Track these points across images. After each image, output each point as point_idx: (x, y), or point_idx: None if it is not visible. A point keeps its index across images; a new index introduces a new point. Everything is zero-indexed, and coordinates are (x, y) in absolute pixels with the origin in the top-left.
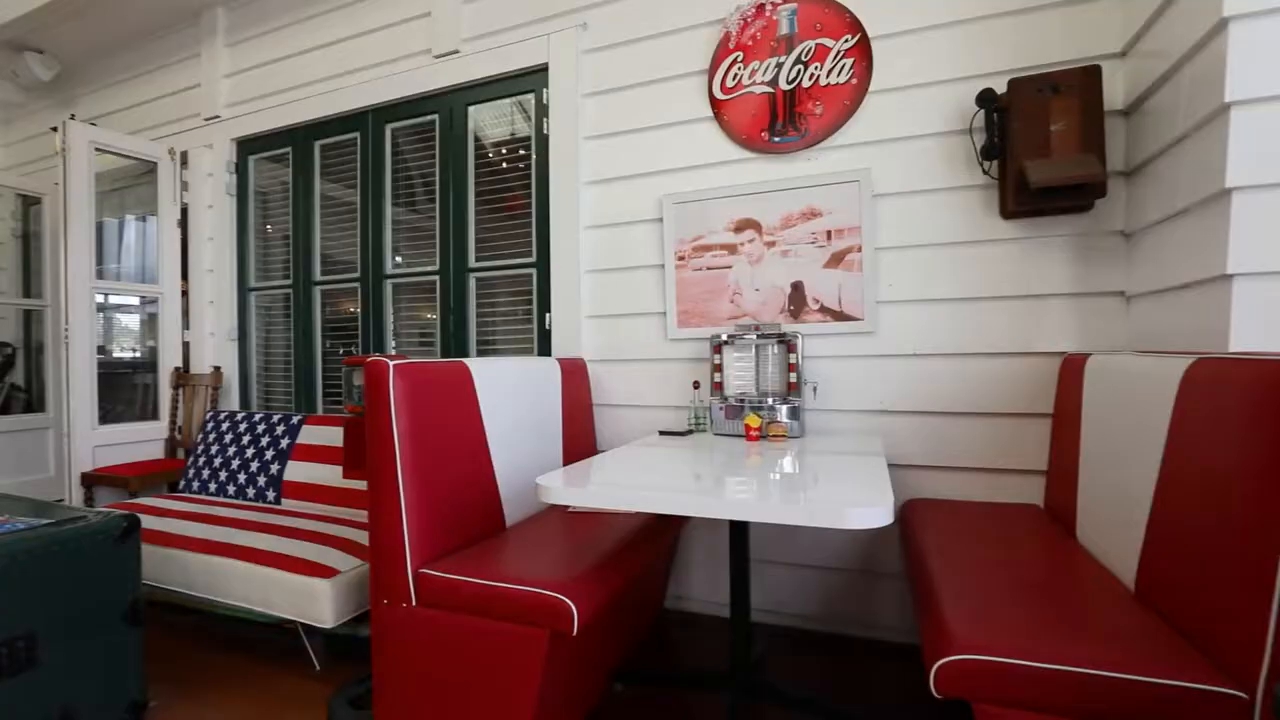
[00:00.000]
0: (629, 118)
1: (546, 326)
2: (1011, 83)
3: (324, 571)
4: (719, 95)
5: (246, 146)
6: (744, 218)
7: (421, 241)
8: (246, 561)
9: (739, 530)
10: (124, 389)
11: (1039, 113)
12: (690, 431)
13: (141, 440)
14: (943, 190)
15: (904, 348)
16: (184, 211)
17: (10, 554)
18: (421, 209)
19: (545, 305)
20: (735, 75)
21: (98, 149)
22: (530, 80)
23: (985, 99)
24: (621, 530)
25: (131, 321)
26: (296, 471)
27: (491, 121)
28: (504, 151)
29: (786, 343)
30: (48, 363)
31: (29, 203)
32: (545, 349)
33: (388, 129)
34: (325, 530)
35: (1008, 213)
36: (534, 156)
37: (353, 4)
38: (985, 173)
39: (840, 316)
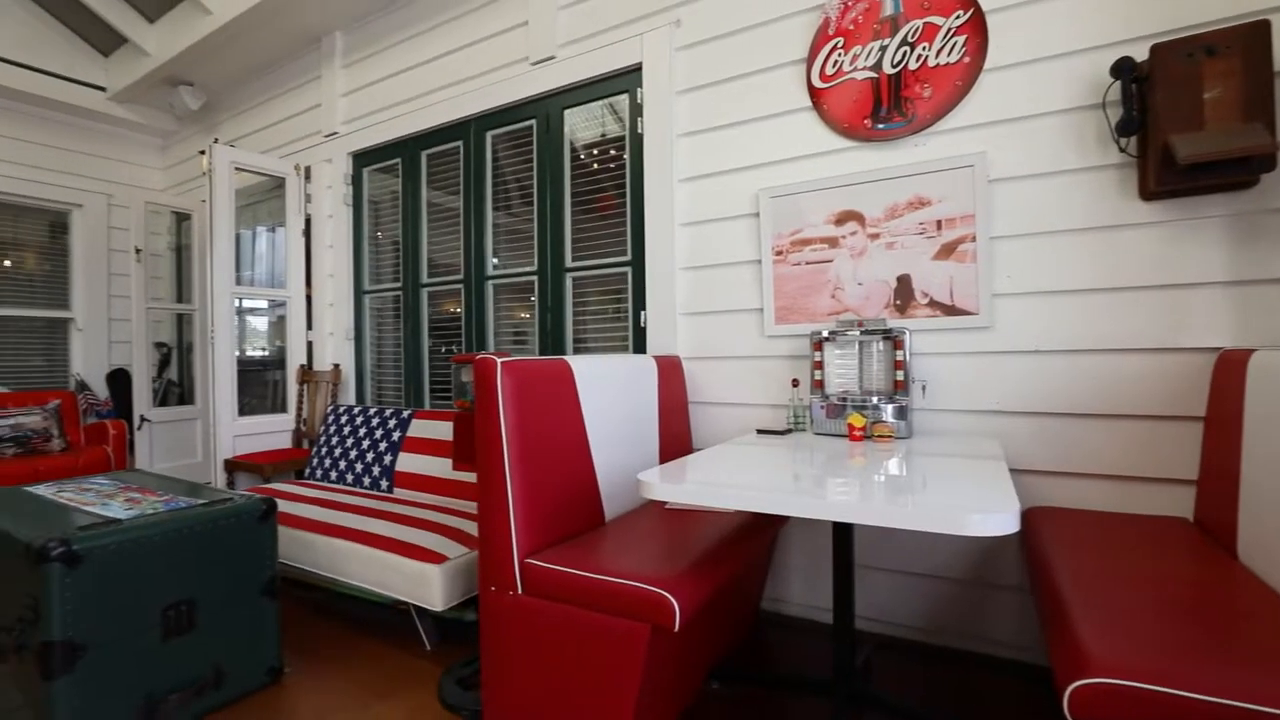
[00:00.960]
0: (723, 112)
1: (642, 324)
2: (1155, 49)
3: (435, 558)
4: (818, 84)
5: (361, 159)
6: (845, 209)
7: (518, 243)
8: (365, 545)
9: (843, 533)
10: (257, 384)
11: (1188, 80)
12: (789, 430)
13: (272, 431)
14: (1070, 172)
15: (1024, 343)
16: (307, 221)
17: (177, 528)
18: (516, 212)
19: (640, 303)
20: (835, 62)
21: (237, 168)
22: (624, 81)
23: (1122, 69)
24: (720, 528)
25: (261, 323)
26: (407, 462)
27: (583, 125)
28: (595, 153)
29: (892, 339)
30: (196, 361)
31: (181, 219)
32: (640, 346)
33: (488, 136)
34: (434, 519)
35: (1149, 193)
36: (628, 155)
37: (456, 19)
38: (1122, 150)
39: (951, 311)
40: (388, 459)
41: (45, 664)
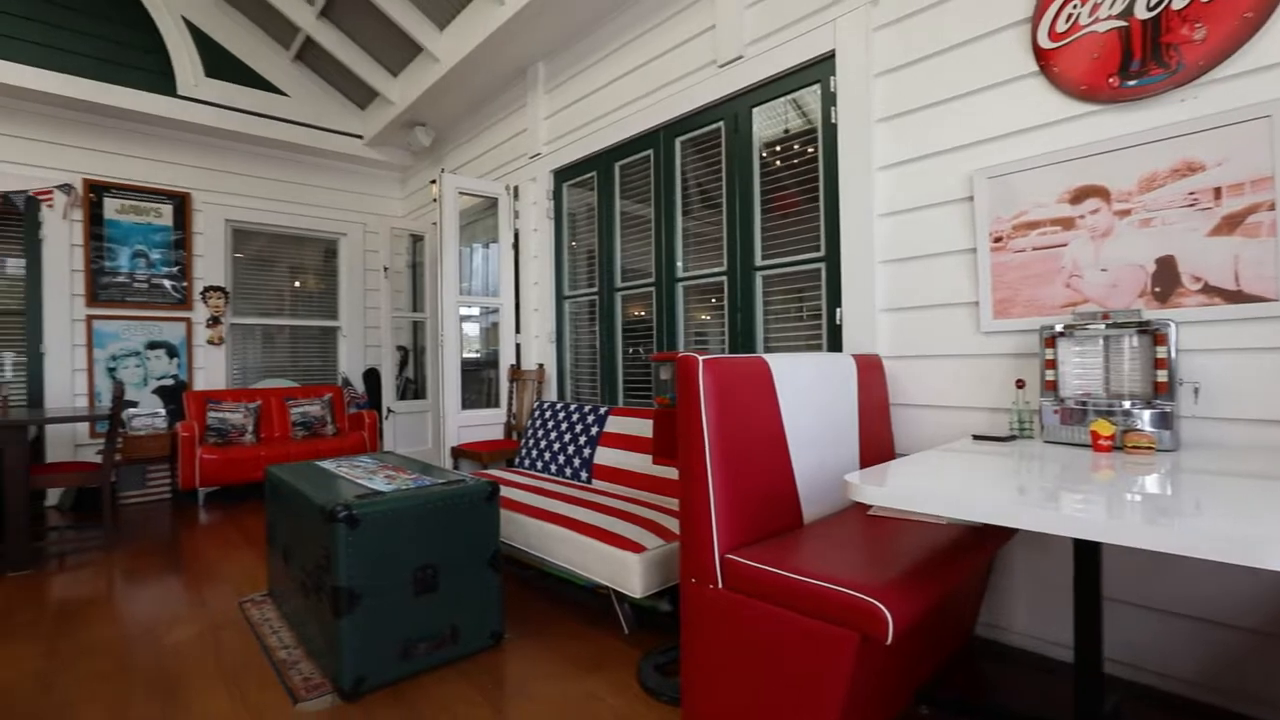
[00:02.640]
0: (927, 91)
1: (837, 322)
2: None
3: (634, 547)
4: (1046, 44)
5: (561, 175)
6: (1084, 184)
7: (705, 246)
8: (570, 530)
9: (1089, 556)
10: (474, 382)
11: None
12: (1013, 437)
13: (487, 424)
14: None
15: None
16: (516, 235)
17: (424, 502)
18: (698, 215)
19: (835, 300)
20: (1069, 16)
21: (460, 192)
22: (814, 71)
23: None
24: (932, 540)
25: (476, 328)
26: (604, 456)
27: (765, 123)
28: (777, 150)
29: (1151, 333)
30: (427, 361)
31: (415, 240)
32: (835, 345)
33: (677, 143)
34: (632, 510)
35: None
36: (820, 147)
37: (644, 34)
38: None
39: (1236, 297)
40: (586, 452)
41: (335, 604)
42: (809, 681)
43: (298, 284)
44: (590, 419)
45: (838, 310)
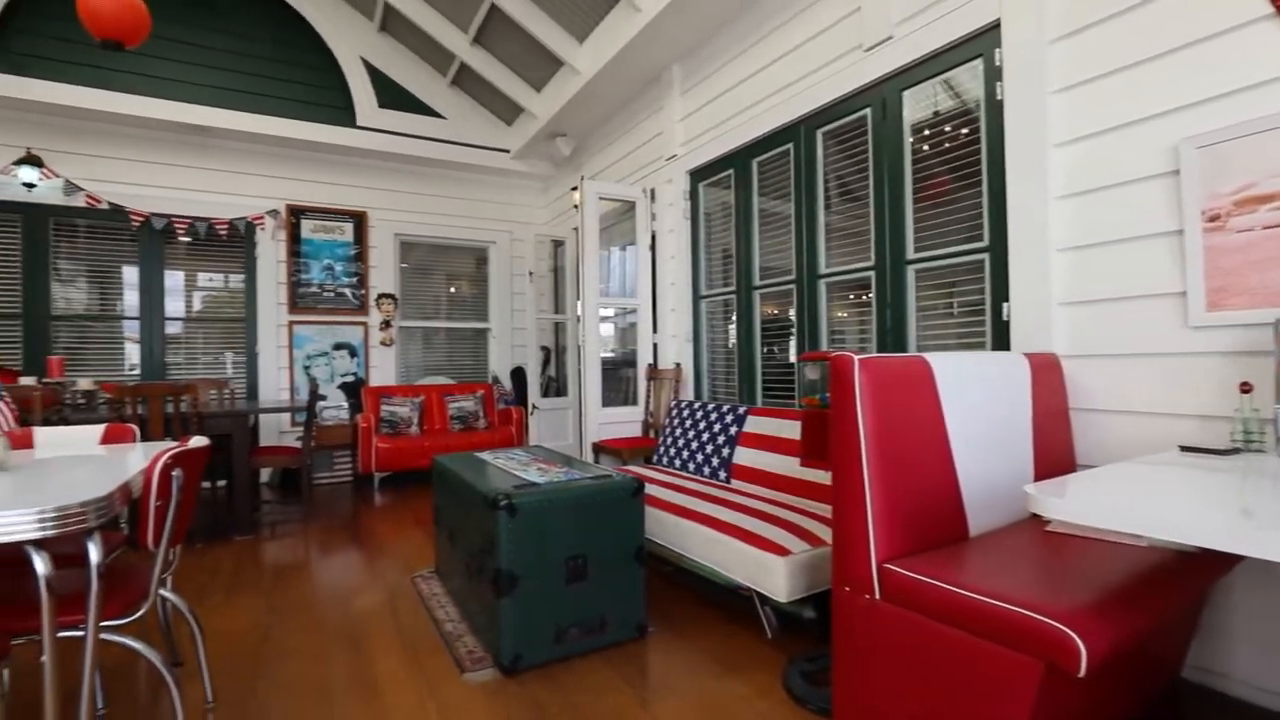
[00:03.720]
0: (1118, 52)
1: (1005, 317)
2: None
3: (778, 549)
4: None
5: (697, 176)
6: None
7: (845, 240)
8: (711, 529)
9: None
10: (612, 380)
11: None
12: (1235, 450)
13: (625, 421)
14: None
15: None
16: (653, 237)
17: (575, 495)
18: (839, 209)
19: (1001, 293)
20: None
21: (600, 198)
22: (975, 45)
23: None
24: (1129, 564)
25: (612, 328)
26: (743, 456)
27: (916, 107)
28: (928, 134)
29: None
30: (567, 360)
31: (556, 245)
32: (1002, 343)
33: (818, 134)
34: (774, 512)
35: None
36: (983, 127)
37: (783, 24)
38: None
39: None
40: (725, 451)
41: (496, 586)
42: (981, 709)
43: (453, 290)
44: (729, 419)
45: (1004, 305)
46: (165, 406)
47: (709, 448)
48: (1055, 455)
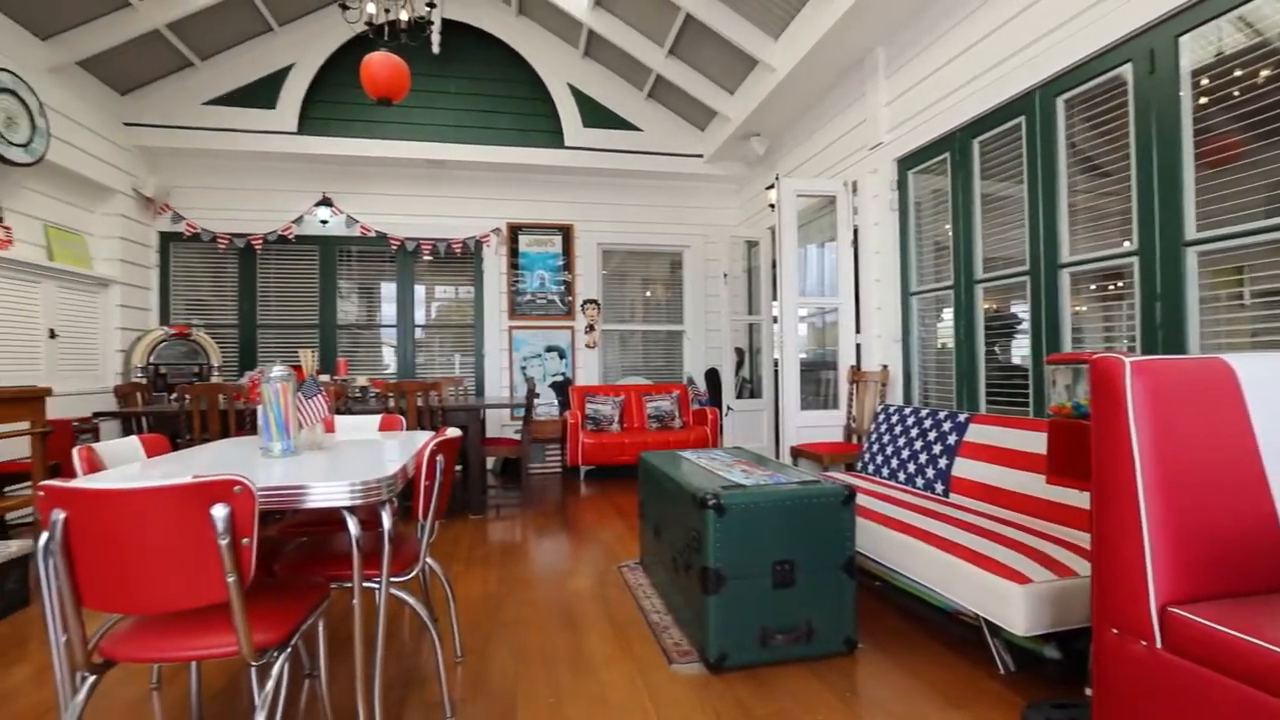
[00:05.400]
0: None
1: None
2: None
3: (1016, 577)
4: None
5: (905, 163)
6: None
7: (1092, 222)
8: (931, 546)
9: None
10: (808, 383)
11: None
12: None
13: (825, 425)
14: None
15: None
16: (855, 232)
17: (782, 498)
18: (1082, 187)
19: None
20: None
21: (798, 195)
22: None
23: None
24: None
25: (806, 329)
26: (964, 468)
27: (1192, 55)
28: (1203, 84)
29: None
30: (762, 362)
31: (750, 246)
32: None
33: (1058, 102)
34: (1006, 533)
35: None
36: None
37: None
38: None
39: None
40: (942, 463)
41: (704, 582)
42: None
43: (648, 294)
44: (946, 426)
45: None
46: (418, 400)
47: (922, 457)
48: None
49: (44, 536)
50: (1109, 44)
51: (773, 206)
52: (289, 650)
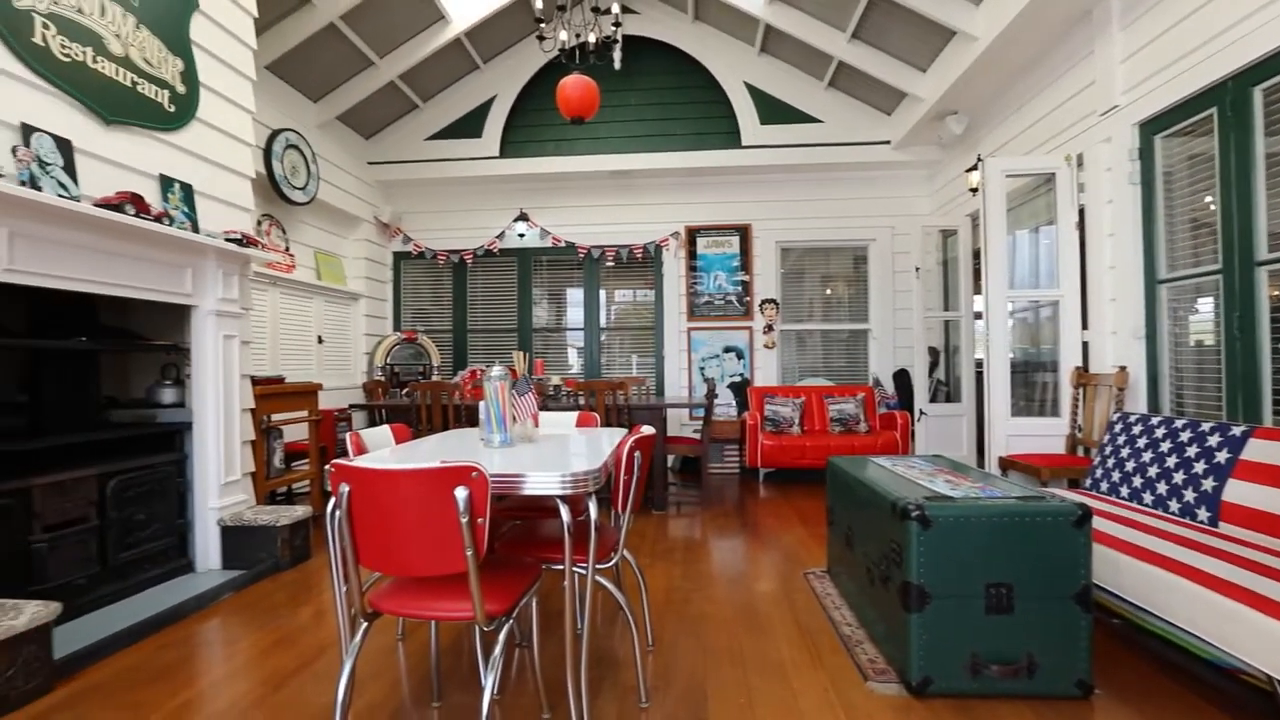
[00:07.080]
0: None
1: None
2: None
3: None
4: None
5: (1149, 127)
6: None
7: None
8: (1195, 583)
9: None
10: (1019, 386)
11: None
12: None
13: (1043, 434)
14: None
15: None
16: (1080, 213)
17: (997, 514)
18: None
19: None
20: None
21: (1007, 175)
22: None
23: None
24: None
25: (1013, 325)
26: (1240, 493)
27: None
28: None
29: None
30: (960, 363)
31: (946, 235)
32: None
33: None
34: None
35: None
36: None
37: None
38: None
39: None
40: (1207, 484)
41: (905, 599)
42: None
43: (828, 291)
44: (1214, 441)
45: None
46: (606, 399)
47: (1178, 476)
48: None
49: (332, 503)
50: None
51: (975, 190)
52: (511, 620)
